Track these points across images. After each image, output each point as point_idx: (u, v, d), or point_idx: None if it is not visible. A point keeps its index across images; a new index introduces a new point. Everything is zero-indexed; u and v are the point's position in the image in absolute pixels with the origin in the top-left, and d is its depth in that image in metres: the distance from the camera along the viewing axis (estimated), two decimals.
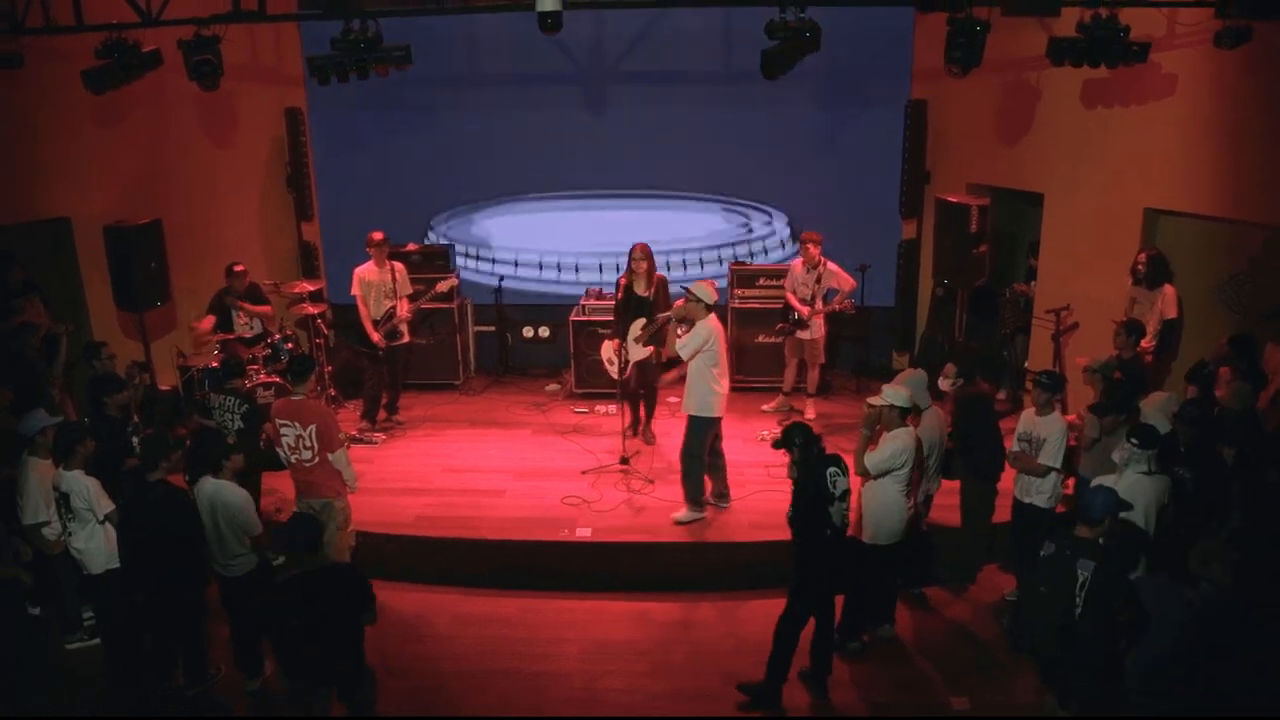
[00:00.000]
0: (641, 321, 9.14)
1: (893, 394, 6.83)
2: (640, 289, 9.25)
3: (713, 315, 8.03)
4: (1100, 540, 5.55)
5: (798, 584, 6.52)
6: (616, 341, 9.35)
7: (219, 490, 6.43)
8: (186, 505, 6.41)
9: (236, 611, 6.74)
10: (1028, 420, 7.23)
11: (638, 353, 9.28)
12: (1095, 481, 6.25)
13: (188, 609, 6.54)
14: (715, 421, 8.19)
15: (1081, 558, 5.42)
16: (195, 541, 6.43)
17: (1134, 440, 6.20)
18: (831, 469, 6.33)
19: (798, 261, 10.01)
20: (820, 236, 9.87)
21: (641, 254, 9.28)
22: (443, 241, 11.69)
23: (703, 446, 8.20)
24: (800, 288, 10.01)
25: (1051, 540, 5.68)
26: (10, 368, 8.44)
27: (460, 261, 11.71)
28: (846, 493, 6.37)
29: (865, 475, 6.76)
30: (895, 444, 6.76)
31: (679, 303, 8.25)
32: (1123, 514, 5.88)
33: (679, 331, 8.20)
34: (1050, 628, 5.51)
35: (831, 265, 9.90)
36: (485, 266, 11.89)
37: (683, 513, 8.32)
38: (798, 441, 6.39)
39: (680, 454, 8.30)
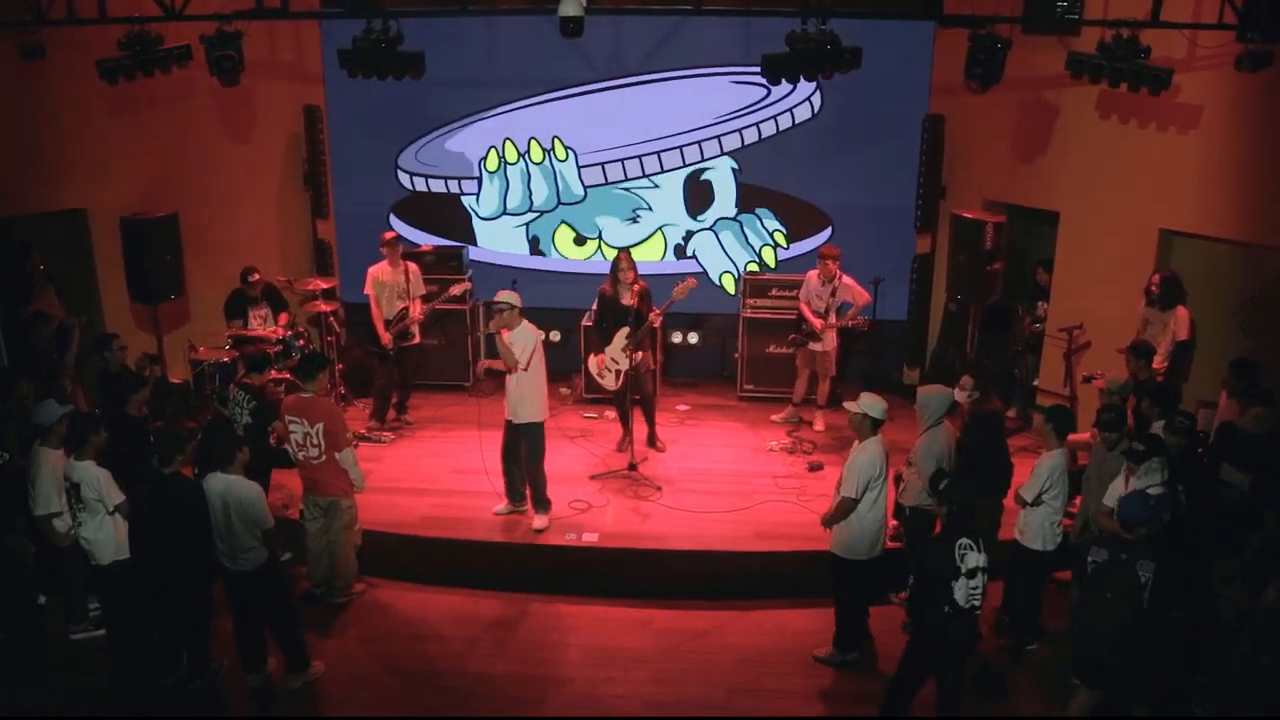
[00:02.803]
0: (626, 331, 9.11)
1: (869, 404, 6.83)
2: (626, 299, 9.22)
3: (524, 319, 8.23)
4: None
5: (912, 652, 6.29)
6: (602, 356, 9.31)
7: (230, 485, 6.43)
8: (200, 498, 6.43)
9: (243, 606, 6.74)
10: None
11: (626, 362, 9.22)
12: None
13: (197, 602, 6.57)
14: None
15: (1141, 559, 5.53)
16: (207, 534, 6.45)
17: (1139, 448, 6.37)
18: (964, 540, 5.77)
19: (813, 273, 9.97)
20: (839, 252, 9.82)
21: (628, 264, 9.25)
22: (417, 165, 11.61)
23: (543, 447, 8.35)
24: (815, 300, 9.98)
25: (1102, 546, 5.71)
26: (25, 358, 8.49)
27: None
28: (976, 570, 5.74)
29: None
30: (865, 455, 6.75)
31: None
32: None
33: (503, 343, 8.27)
34: (1115, 634, 5.55)
35: (847, 279, 9.85)
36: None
37: (538, 521, 8.39)
38: (940, 488, 6.03)
39: (528, 463, 8.36)
